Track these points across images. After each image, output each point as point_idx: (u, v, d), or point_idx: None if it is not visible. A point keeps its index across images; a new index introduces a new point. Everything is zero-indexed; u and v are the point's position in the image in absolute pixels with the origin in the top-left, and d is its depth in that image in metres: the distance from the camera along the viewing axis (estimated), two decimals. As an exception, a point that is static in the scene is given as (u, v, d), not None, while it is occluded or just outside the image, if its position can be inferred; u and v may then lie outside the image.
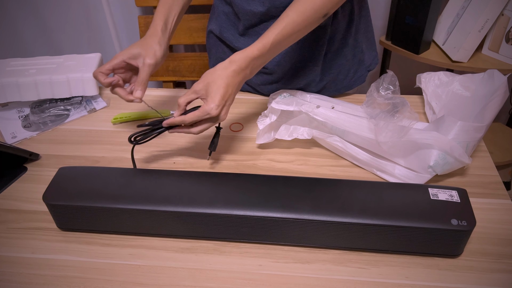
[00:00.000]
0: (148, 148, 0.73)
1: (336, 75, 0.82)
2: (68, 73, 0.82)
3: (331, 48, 0.78)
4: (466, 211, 0.51)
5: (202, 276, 0.52)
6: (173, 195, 0.55)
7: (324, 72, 0.81)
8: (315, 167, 0.68)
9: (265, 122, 0.69)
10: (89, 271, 0.53)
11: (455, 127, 0.59)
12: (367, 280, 0.51)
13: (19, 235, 0.58)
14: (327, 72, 0.81)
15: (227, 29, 0.80)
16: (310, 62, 0.78)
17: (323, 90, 0.83)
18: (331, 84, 0.83)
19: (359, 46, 0.81)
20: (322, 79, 0.81)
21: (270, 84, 0.83)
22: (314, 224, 0.52)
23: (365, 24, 0.82)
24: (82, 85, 0.83)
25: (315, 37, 0.75)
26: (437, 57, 1.20)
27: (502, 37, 1.14)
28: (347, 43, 0.79)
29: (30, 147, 0.74)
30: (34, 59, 0.88)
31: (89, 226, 0.57)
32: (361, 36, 0.81)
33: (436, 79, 0.76)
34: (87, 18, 1.54)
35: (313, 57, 0.78)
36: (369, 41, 0.85)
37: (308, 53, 0.77)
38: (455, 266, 0.52)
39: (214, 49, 0.88)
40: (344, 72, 0.82)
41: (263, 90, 0.85)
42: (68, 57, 0.88)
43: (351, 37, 0.79)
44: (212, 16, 0.85)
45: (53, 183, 0.57)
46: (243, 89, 0.89)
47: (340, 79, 0.83)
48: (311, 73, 0.79)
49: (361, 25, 0.80)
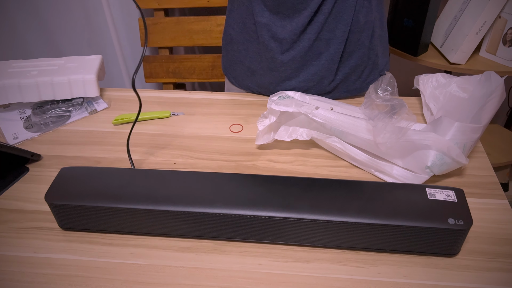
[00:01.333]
0: (148, 148, 0.74)
1: (349, 74, 0.82)
2: (69, 74, 0.83)
3: (347, 48, 0.78)
4: (463, 211, 0.52)
5: (202, 275, 0.53)
6: (174, 195, 0.55)
7: (337, 72, 0.81)
8: (314, 168, 0.69)
9: (264, 123, 0.69)
10: (90, 270, 0.54)
11: (453, 128, 0.60)
12: (365, 279, 0.52)
13: (21, 235, 0.59)
14: (340, 72, 0.81)
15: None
16: (325, 60, 0.78)
17: (334, 91, 0.83)
18: (343, 85, 0.83)
19: (374, 49, 0.82)
20: (335, 79, 0.81)
21: (282, 82, 0.82)
22: (313, 223, 0.52)
23: (381, 28, 0.83)
24: (83, 87, 0.84)
25: (333, 35, 0.75)
26: (435, 59, 1.21)
27: (499, 40, 1.15)
28: (364, 45, 0.79)
29: (32, 147, 0.74)
30: (35, 60, 0.88)
31: (90, 226, 0.58)
32: (377, 40, 0.82)
33: (434, 81, 0.77)
34: (88, 20, 1.55)
35: (329, 54, 0.77)
36: (383, 46, 0.86)
37: (326, 50, 0.77)
38: (453, 265, 0.53)
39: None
40: (358, 73, 0.82)
41: (275, 89, 0.84)
42: (69, 58, 0.89)
43: (368, 39, 0.79)
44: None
45: (55, 183, 0.58)
46: (251, 90, 0.89)
47: (352, 80, 0.83)
48: (326, 71, 0.79)
49: (376, 28, 0.80)
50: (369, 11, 0.77)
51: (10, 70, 0.84)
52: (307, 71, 0.80)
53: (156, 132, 0.78)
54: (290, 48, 0.78)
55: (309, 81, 0.81)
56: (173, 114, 0.83)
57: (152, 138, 0.77)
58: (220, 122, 0.81)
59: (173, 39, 1.41)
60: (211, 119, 0.82)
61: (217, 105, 0.86)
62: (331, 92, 0.83)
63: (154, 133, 0.78)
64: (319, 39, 0.76)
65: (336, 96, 0.84)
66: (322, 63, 0.79)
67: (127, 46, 1.63)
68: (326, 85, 0.82)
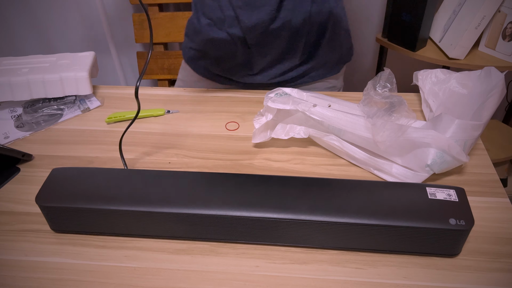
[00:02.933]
0: (142, 148, 0.72)
1: (313, 65, 0.87)
2: (61, 72, 0.81)
3: (310, 39, 0.82)
4: (464, 211, 0.51)
5: (198, 278, 0.52)
6: (169, 196, 0.54)
7: (302, 63, 0.86)
8: (312, 166, 0.68)
9: (261, 121, 0.68)
10: (83, 273, 0.53)
11: (453, 125, 0.59)
12: (364, 281, 0.51)
13: (11, 238, 0.57)
14: (305, 63, 0.86)
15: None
16: (288, 54, 0.83)
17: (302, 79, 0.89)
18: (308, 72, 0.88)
19: (337, 39, 0.86)
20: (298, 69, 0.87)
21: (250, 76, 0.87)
22: (311, 224, 0.51)
23: (343, 15, 0.86)
24: (76, 84, 0.82)
25: (294, 29, 0.79)
26: (434, 54, 1.20)
27: (499, 34, 1.14)
28: (324, 36, 0.83)
29: (23, 147, 0.73)
30: (26, 58, 0.87)
31: (83, 228, 0.56)
32: (338, 28, 0.85)
33: (433, 77, 0.76)
34: (81, 16, 1.53)
35: (291, 48, 0.82)
36: (346, 33, 0.89)
37: (287, 45, 0.81)
38: (453, 266, 0.52)
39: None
40: (321, 62, 0.87)
41: (245, 80, 0.89)
42: (61, 55, 0.87)
43: (328, 30, 0.83)
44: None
45: (46, 184, 0.56)
46: (229, 86, 0.91)
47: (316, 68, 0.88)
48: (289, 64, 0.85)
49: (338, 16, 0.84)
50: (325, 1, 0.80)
51: (0, 68, 0.82)
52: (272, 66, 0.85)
53: (150, 131, 0.77)
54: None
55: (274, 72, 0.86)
56: (168, 111, 0.81)
57: (146, 136, 0.75)
58: (216, 120, 0.79)
59: (167, 35, 1.39)
60: (207, 116, 0.80)
61: (213, 103, 0.84)
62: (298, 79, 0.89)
63: (148, 132, 0.77)
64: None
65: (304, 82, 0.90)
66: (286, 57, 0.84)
67: (121, 43, 1.61)
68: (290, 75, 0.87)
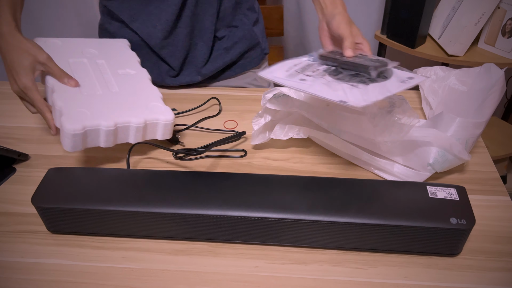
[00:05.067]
0: (139, 147, 0.72)
1: (225, 54, 0.88)
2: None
3: (220, 28, 0.86)
4: (465, 210, 0.50)
5: (196, 279, 0.51)
6: (166, 196, 0.53)
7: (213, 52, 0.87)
8: (311, 165, 0.67)
9: (260, 122, 0.67)
10: (80, 275, 0.52)
11: (454, 123, 0.58)
12: (365, 281, 0.50)
13: (7, 239, 0.57)
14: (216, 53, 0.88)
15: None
16: (198, 45, 0.85)
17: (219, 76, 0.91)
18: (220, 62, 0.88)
19: (247, 26, 0.88)
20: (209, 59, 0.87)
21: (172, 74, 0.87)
22: (310, 224, 0.51)
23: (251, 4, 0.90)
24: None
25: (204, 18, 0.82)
26: (433, 51, 1.19)
27: (498, 31, 1.13)
28: (235, 25, 0.87)
29: (19, 147, 0.72)
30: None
31: (80, 229, 0.56)
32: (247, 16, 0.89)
33: (433, 74, 0.75)
34: (78, 15, 1.52)
35: (201, 37, 0.84)
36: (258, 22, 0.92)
37: (197, 33, 0.83)
38: (454, 265, 0.52)
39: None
40: (235, 53, 0.89)
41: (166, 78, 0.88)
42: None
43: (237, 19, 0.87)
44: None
45: (42, 185, 0.56)
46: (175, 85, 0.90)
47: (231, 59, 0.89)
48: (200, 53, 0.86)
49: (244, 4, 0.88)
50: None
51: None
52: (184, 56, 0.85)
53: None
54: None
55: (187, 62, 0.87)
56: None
57: (144, 135, 0.75)
58: (214, 118, 0.79)
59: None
60: (204, 115, 0.80)
61: (211, 101, 0.83)
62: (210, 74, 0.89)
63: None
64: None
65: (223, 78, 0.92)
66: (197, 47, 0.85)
67: (119, 40, 1.60)
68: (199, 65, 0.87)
